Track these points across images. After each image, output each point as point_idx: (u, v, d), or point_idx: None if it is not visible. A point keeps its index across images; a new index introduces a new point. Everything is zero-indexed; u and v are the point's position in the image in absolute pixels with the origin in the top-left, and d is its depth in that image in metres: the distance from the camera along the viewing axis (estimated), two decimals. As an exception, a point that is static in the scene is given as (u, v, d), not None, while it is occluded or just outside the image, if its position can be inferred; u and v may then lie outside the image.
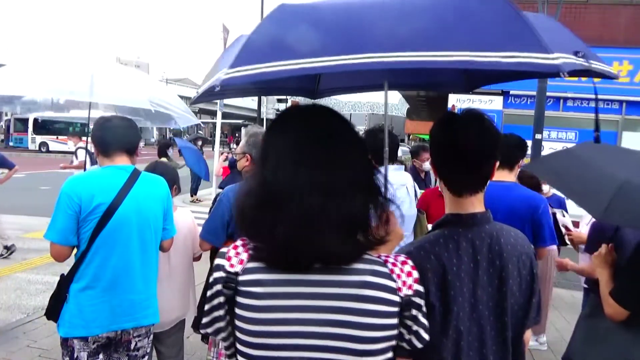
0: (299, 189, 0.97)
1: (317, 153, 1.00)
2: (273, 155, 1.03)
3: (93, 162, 6.21)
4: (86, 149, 5.86)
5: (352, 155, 1.04)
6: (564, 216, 3.56)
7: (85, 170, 4.31)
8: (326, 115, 1.09)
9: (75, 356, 2.21)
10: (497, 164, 1.48)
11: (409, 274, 1.04)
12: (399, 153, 4.79)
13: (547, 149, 10.00)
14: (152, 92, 3.84)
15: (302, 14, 1.27)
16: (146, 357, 2.45)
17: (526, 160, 3.39)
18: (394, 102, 6.34)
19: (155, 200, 2.38)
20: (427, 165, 5.09)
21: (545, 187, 5.98)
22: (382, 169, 2.04)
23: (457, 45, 1.09)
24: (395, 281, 1.02)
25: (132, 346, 2.36)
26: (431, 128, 1.48)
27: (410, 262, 1.07)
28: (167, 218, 2.47)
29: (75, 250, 2.26)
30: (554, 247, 3.43)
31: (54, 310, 2.24)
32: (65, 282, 2.22)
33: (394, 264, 1.04)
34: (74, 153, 8.55)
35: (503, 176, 2.78)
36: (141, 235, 2.30)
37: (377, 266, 1.03)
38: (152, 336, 2.47)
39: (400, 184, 3.13)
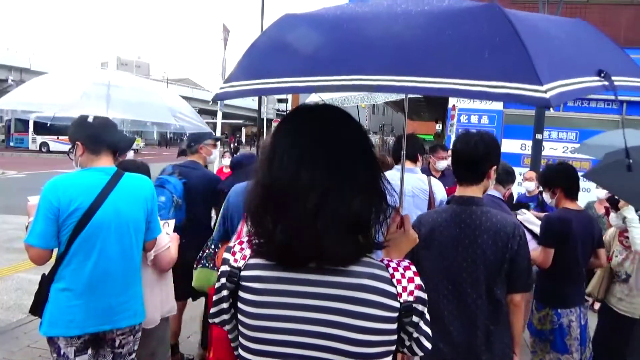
0: (299, 189, 0.97)
1: (319, 154, 1.00)
2: (278, 154, 1.03)
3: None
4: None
5: (355, 157, 1.03)
6: (524, 213, 3.69)
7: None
8: (332, 116, 1.08)
9: (62, 352, 2.22)
10: (495, 167, 2.13)
11: (411, 280, 1.02)
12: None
13: (548, 149, 9.99)
14: (172, 104, 3.93)
15: (302, 28, 1.25)
16: (133, 354, 2.45)
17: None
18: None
19: (136, 203, 2.34)
20: (441, 164, 5.03)
21: (531, 185, 5.96)
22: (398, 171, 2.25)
23: (445, 72, 1.05)
24: (395, 286, 1.01)
25: (117, 344, 2.37)
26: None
27: (413, 267, 1.06)
28: (152, 219, 2.44)
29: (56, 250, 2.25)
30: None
31: (36, 308, 2.26)
32: (46, 282, 2.23)
33: (395, 269, 1.03)
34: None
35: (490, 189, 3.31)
36: (120, 239, 2.27)
37: (377, 270, 1.02)
38: (139, 334, 2.46)
39: (410, 186, 3.31)
